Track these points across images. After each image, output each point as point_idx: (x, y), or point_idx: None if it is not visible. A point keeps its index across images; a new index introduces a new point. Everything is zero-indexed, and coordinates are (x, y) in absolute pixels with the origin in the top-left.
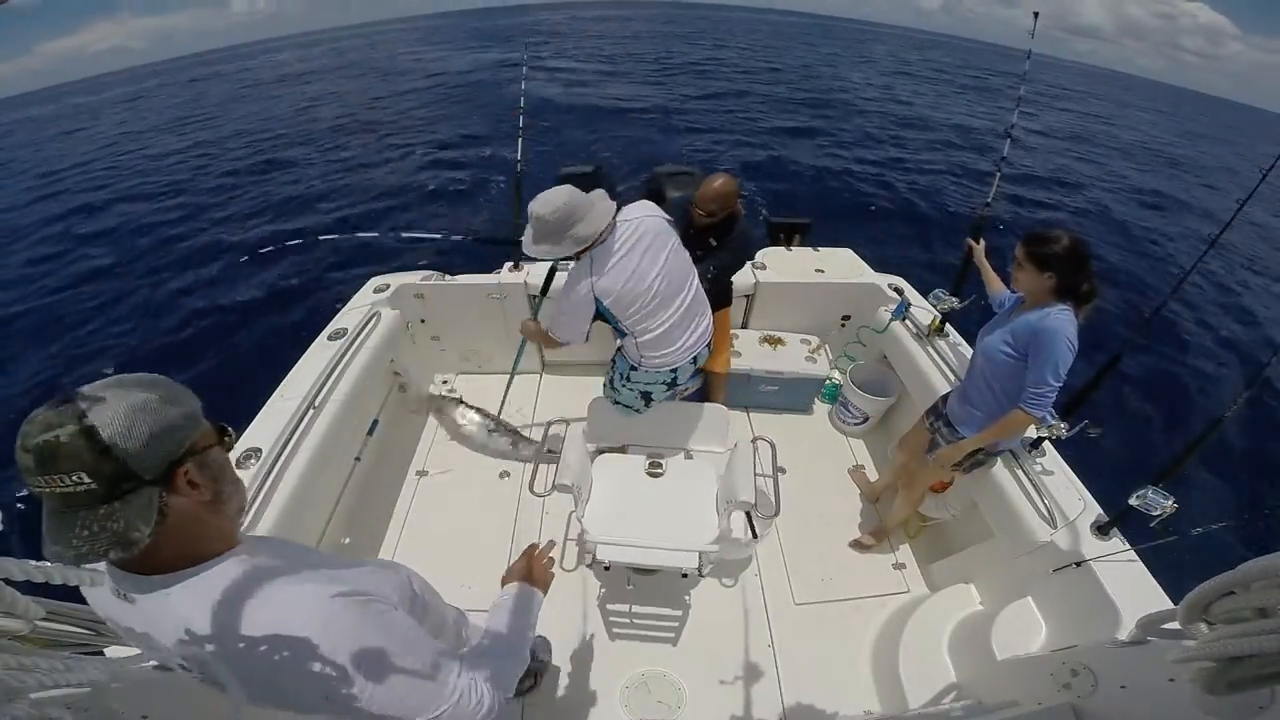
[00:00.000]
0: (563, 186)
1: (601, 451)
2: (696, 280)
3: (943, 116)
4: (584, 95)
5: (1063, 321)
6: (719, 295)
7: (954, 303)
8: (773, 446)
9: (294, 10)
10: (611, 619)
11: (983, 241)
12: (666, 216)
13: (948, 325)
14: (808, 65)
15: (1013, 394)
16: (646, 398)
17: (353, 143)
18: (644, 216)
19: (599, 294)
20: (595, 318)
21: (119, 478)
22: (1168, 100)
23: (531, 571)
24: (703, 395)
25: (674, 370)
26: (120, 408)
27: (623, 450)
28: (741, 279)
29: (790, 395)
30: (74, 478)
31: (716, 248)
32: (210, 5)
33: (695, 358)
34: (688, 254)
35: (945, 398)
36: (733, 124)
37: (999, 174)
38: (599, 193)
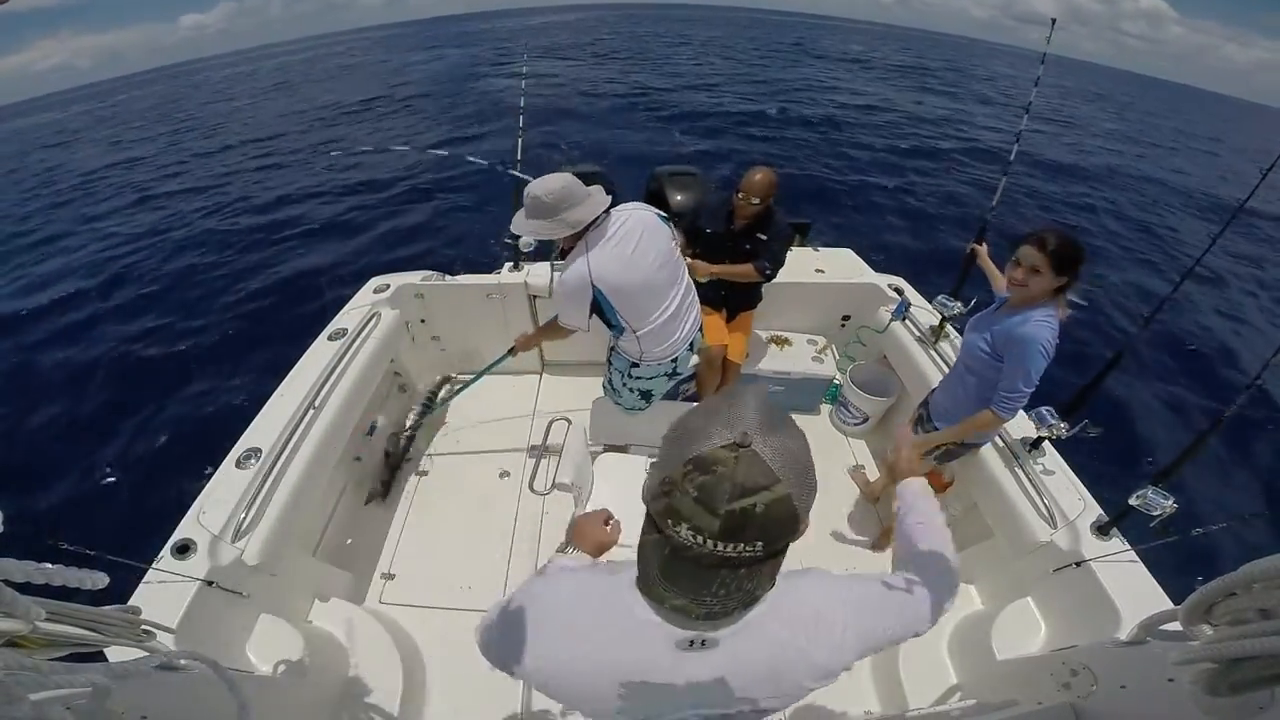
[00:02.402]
0: (562, 173)
1: (605, 450)
2: (687, 273)
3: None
4: (563, 96)
5: (1041, 328)
6: (757, 292)
7: (959, 308)
8: None
9: (244, 26)
10: None
11: (985, 244)
12: (660, 213)
13: (948, 326)
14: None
15: (984, 391)
16: (647, 396)
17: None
18: (636, 209)
19: (595, 279)
20: (593, 311)
21: (783, 548)
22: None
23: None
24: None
25: (674, 360)
26: (792, 469)
27: (624, 450)
28: None
29: (797, 395)
30: (751, 547)
31: (768, 240)
32: (159, 21)
33: (691, 344)
34: (678, 250)
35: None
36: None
37: (1004, 178)
38: (597, 186)
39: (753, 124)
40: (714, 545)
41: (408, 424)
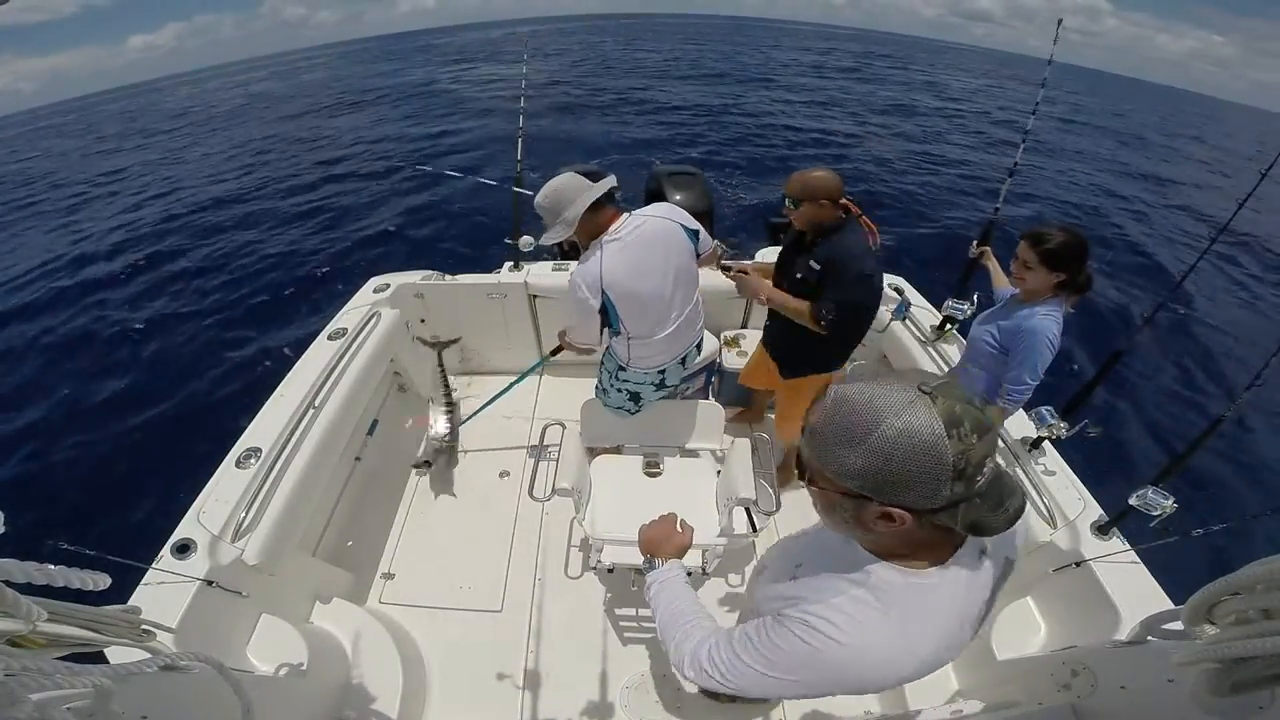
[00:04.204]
0: (560, 175)
1: (596, 453)
2: (699, 291)
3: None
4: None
5: (1047, 323)
6: (827, 352)
7: (969, 309)
8: (769, 443)
9: (194, 46)
10: (621, 622)
11: (990, 245)
12: (686, 223)
13: (952, 329)
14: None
15: (991, 385)
16: (635, 398)
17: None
18: (655, 216)
19: (607, 285)
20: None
21: None
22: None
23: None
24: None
25: (662, 371)
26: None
27: (617, 451)
28: None
29: None
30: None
31: (823, 272)
32: (105, 43)
33: (684, 359)
34: (695, 263)
35: None
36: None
37: (1009, 179)
38: (607, 180)
39: (724, 120)
40: (986, 466)
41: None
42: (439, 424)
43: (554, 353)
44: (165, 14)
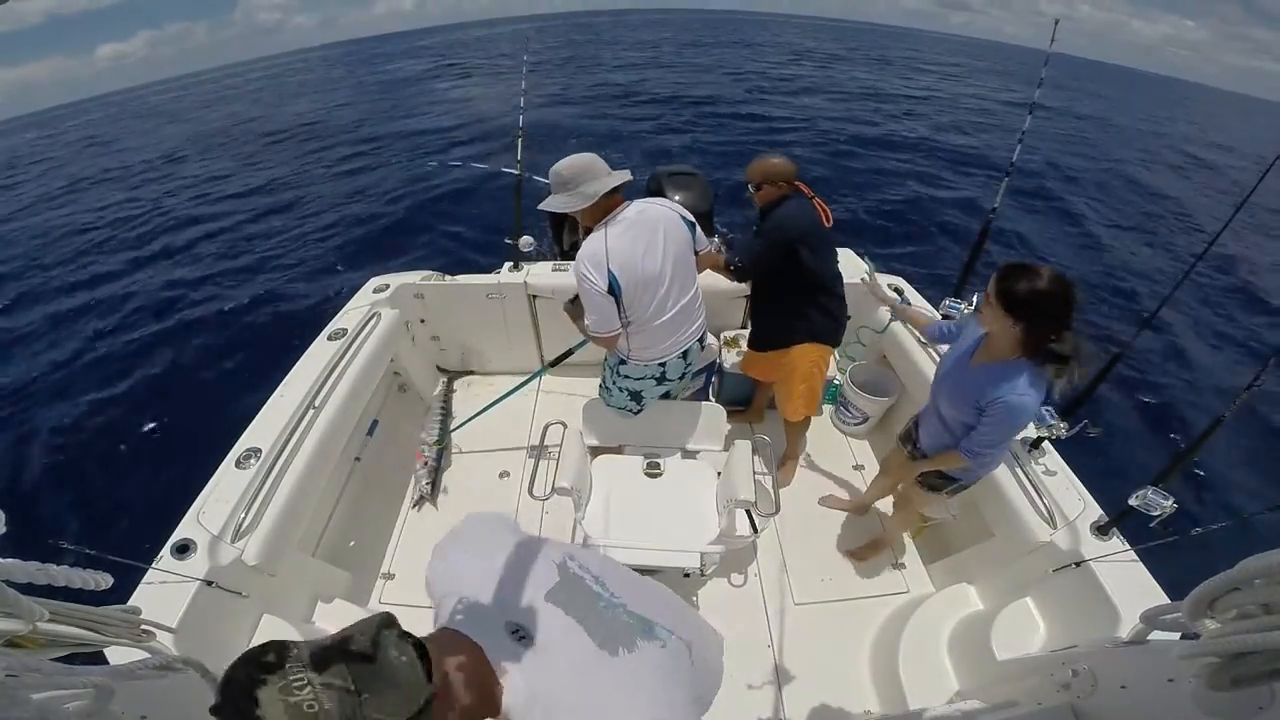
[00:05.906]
0: (585, 154)
1: (598, 452)
2: (697, 281)
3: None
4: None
5: (1026, 403)
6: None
7: (966, 309)
8: (770, 445)
9: (166, 55)
10: None
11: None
12: (686, 215)
13: None
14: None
15: (956, 429)
16: (636, 397)
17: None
18: (656, 204)
19: (612, 262)
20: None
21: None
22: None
23: None
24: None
25: (663, 365)
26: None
27: (619, 450)
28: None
29: None
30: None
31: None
32: (75, 54)
33: (685, 352)
34: (692, 253)
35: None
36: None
37: (1006, 179)
38: (625, 173)
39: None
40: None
41: (434, 436)
42: (430, 435)
43: (554, 362)
44: (136, 22)
